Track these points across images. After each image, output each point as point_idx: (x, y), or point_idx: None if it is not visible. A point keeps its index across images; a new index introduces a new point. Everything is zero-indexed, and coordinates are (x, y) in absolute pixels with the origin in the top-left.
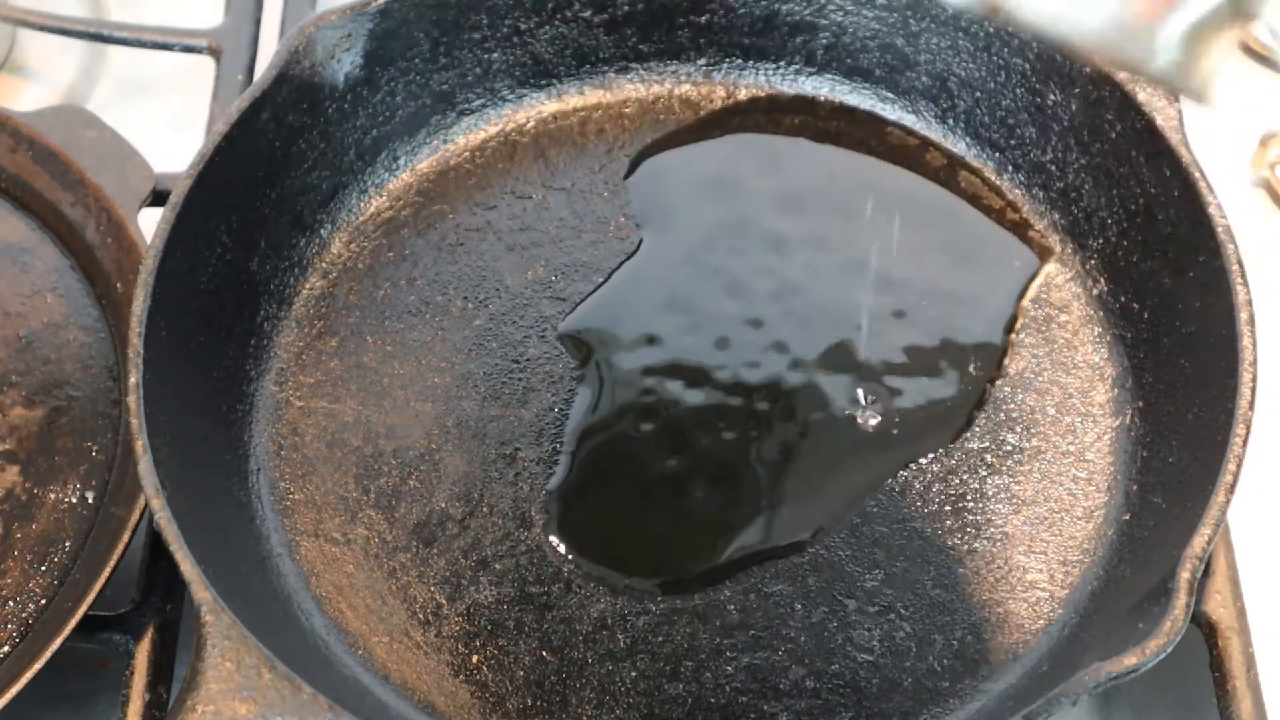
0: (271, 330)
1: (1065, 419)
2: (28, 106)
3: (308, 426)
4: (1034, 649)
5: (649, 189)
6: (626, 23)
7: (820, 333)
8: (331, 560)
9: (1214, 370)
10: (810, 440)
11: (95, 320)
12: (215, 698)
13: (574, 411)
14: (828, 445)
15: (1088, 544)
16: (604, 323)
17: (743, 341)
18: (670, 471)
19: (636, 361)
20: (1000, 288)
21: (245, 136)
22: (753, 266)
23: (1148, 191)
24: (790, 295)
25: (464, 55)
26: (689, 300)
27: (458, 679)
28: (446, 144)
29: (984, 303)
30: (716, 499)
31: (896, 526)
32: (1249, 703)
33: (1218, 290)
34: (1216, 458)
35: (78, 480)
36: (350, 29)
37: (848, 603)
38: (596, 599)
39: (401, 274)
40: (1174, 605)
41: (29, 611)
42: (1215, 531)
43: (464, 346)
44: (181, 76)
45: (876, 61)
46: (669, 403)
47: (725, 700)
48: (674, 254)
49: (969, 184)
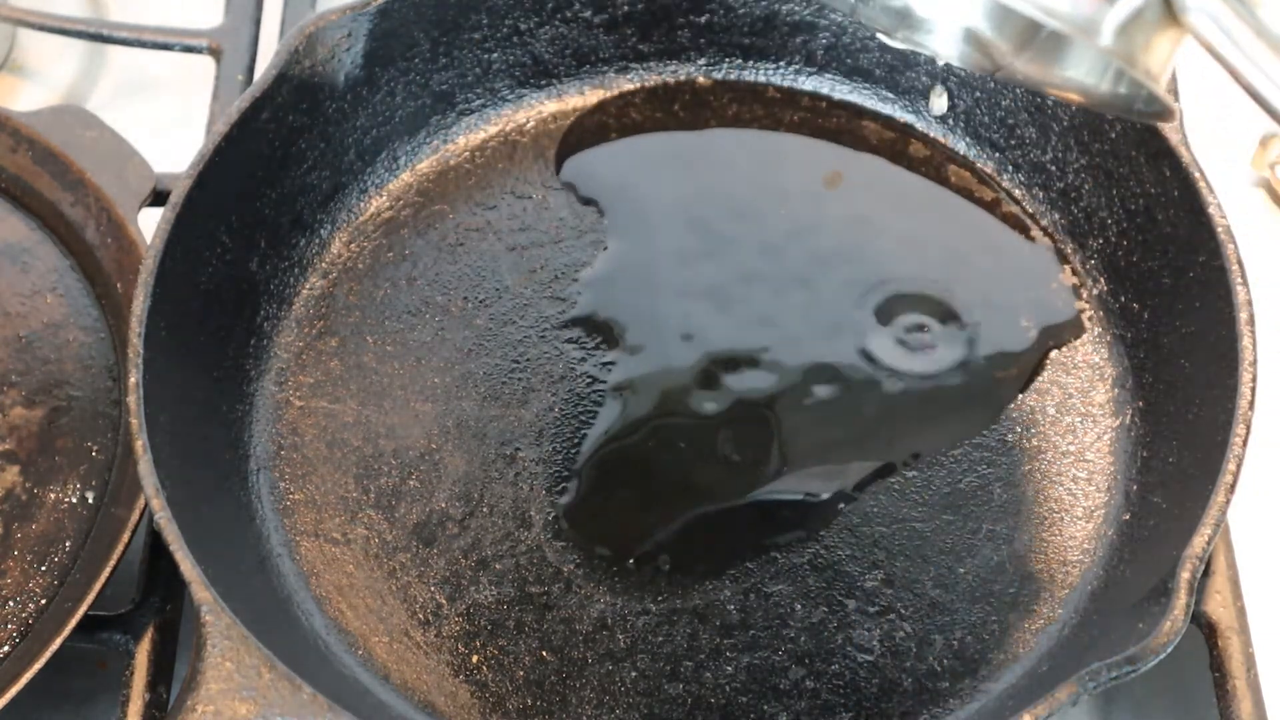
0: (271, 330)
1: (1065, 419)
2: (28, 106)
3: (308, 426)
4: (1034, 649)
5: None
6: (626, 23)
7: (827, 328)
8: (331, 560)
9: (1214, 370)
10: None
11: (95, 320)
12: (215, 698)
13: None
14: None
15: (1088, 544)
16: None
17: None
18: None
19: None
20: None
21: (245, 136)
22: (750, 268)
23: (1148, 191)
24: (793, 295)
25: (464, 55)
26: (693, 296)
27: (458, 679)
28: (446, 144)
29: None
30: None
31: (896, 526)
32: (1249, 703)
33: (1218, 290)
34: (1216, 458)
35: (78, 480)
36: (350, 29)
37: (848, 603)
38: (596, 599)
39: (401, 274)
40: (1174, 605)
41: (29, 611)
42: (1215, 531)
43: (464, 346)
44: (181, 76)
45: (876, 61)
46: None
47: (725, 700)
48: (652, 253)
49: (958, 178)
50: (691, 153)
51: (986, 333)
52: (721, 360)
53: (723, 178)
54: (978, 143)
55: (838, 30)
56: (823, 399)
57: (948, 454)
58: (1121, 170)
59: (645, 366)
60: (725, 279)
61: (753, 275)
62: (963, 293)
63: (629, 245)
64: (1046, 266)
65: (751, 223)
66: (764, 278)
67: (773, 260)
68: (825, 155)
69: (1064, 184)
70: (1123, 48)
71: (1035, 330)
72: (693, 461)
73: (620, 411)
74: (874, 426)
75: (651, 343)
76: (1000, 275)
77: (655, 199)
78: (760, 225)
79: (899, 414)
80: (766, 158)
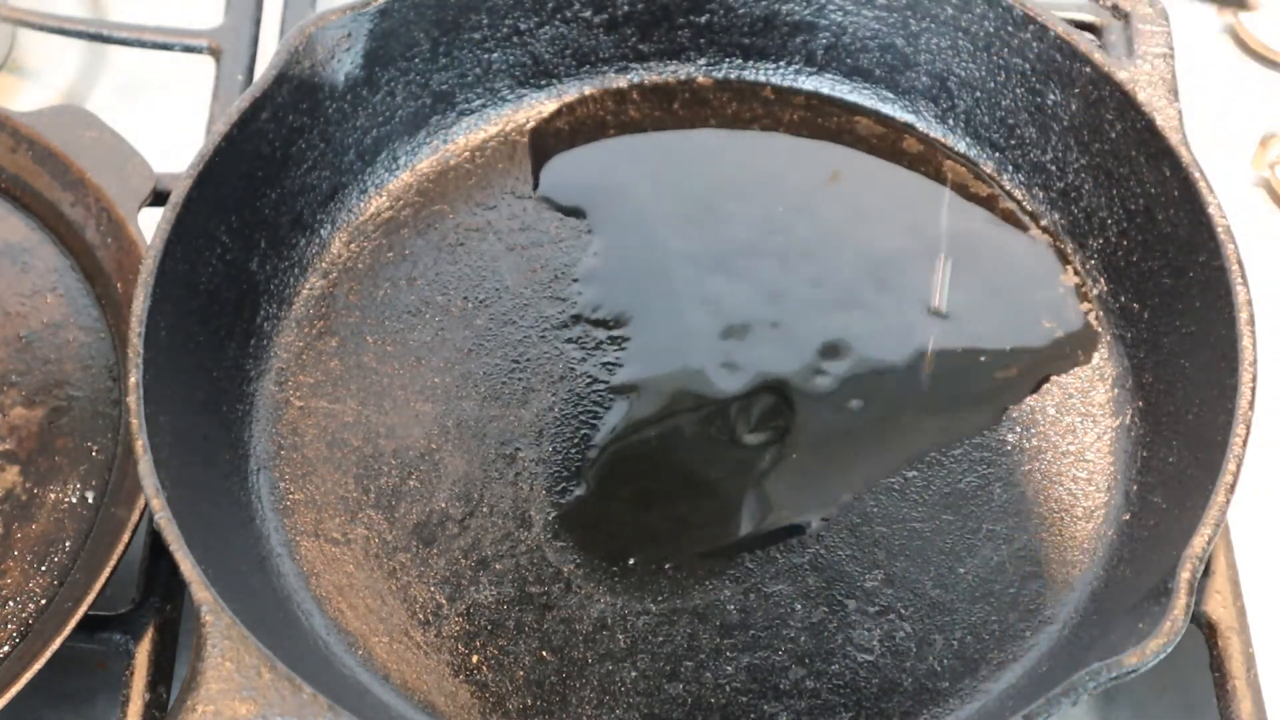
0: (271, 330)
1: (1065, 419)
2: (28, 106)
3: (308, 426)
4: (1034, 649)
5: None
6: (626, 23)
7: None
8: (331, 560)
9: (1214, 370)
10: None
11: (95, 320)
12: (215, 698)
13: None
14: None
15: (1088, 544)
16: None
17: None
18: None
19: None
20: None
21: (245, 136)
22: (762, 268)
23: (1148, 191)
24: (798, 292)
25: (464, 55)
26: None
27: (458, 679)
28: (446, 144)
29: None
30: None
31: (896, 526)
32: (1249, 703)
33: (1218, 290)
34: (1216, 458)
35: (78, 480)
36: (350, 29)
37: (848, 603)
38: (596, 599)
39: (401, 274)
40: (1174, 605)
41: (29, 611)
42: (1215, 531)
43: (464, 346)
44: (181, 76)
45: (876, 61)
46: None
47: (725, 700)
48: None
49: (958, 178)
50: (691, 152)
51: (987, 333)
52: (722, 359)
53: (723, 177)
54: (978, 142)
55: (838, 30)
56: (823, 399)
57: (948, 454)
58: (1121, 170)
59: (645, 366)
60: (725, 278)
61: (753, 275)
62: (963, 292)
63: (628, 246)
64: (1048, 266)
65: (751, 223)
66: (765, 277)
67: (773, 261)
68: (825, 155)
69: (1064, 184)
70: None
71: (1044, 330)
72: (693, 461)
73: (620, 411)
74: (875, 426)
75: (652, 342)
76: (1001, 276)
77: (654, 198)
78: (760, 225)
79: (900, 415)
80: (766, 157)
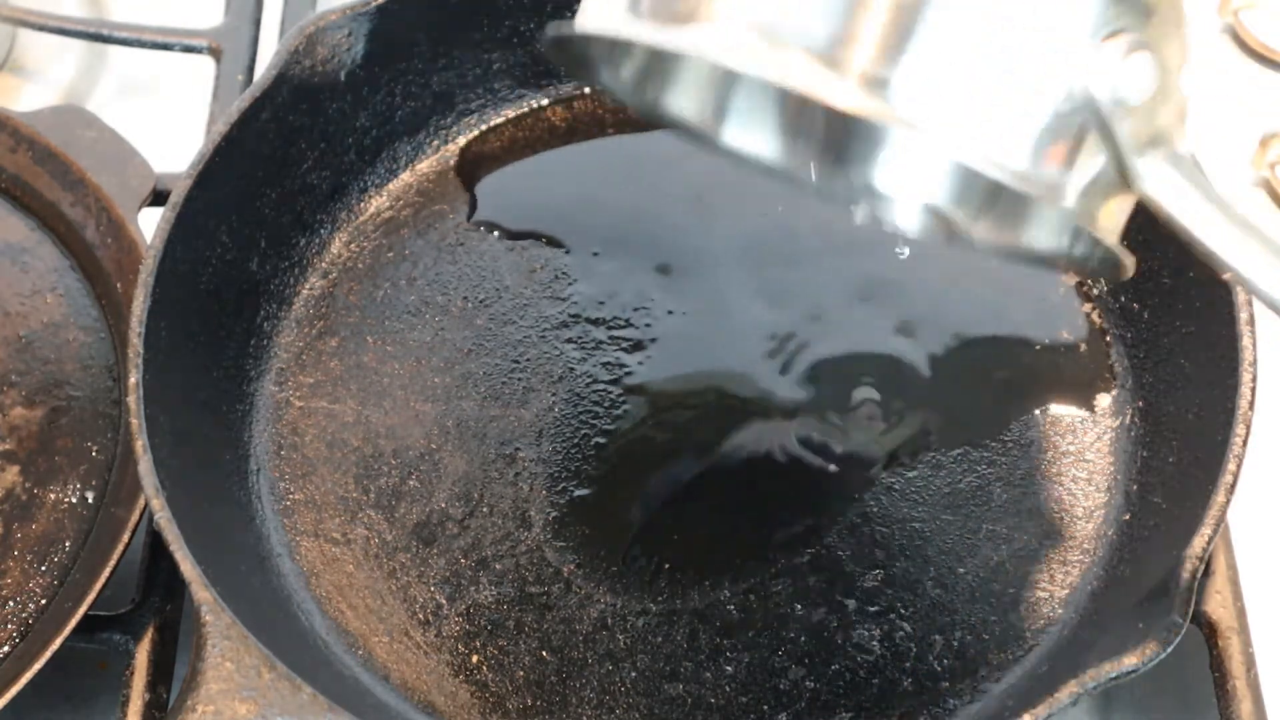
0: (271, 330)
1: (1065, 419)
2: (28, 106)
3: (308, 426)
4: (1034, 649)
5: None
6: None
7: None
8: (331, 560)
9: (1214, 370)
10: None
11: (95, 320)
12: (215, 698)
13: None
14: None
15: (1088, 544)
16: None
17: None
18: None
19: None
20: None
21: (245, 136)
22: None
23: None
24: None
25: (464, 55)
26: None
27: (458, 679)
28: (446, 144)
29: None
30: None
31: (896, 526)
32: (1249, 703)
33: (1218, 290)
34: (1216, 458)
35: (78, 480)
36: (350, 29)
37: (848, 603)
38: (596, 599)
39: (401, 274)
40: (1174, 605)
41: (29, 611)
42: (1215, 531)
43: (464, 346)
44: (181, 76)
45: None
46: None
47: (725, 700)
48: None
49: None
50: (691, 150)
51: (987, 333)
52: (722, 359)
53: (723, 176)
54: None
55: None
56: (823, 400)
57: (948, 454)
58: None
59: (646, 367)
60: (726, 279)
61: (753, 275)
62: (963, 292)
63: (628, 245)
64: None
65: (751, 223)
66: (765, 278)
67: (773, 261)
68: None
69: None
70: (1084, 208)
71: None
72: (694, 461)
73: (621, 411)
74: (874, 426)
75: (651, 342)
76: (1001, 275)
77: (655, 196)
78: (759, 225)
79: (900, 415)
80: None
